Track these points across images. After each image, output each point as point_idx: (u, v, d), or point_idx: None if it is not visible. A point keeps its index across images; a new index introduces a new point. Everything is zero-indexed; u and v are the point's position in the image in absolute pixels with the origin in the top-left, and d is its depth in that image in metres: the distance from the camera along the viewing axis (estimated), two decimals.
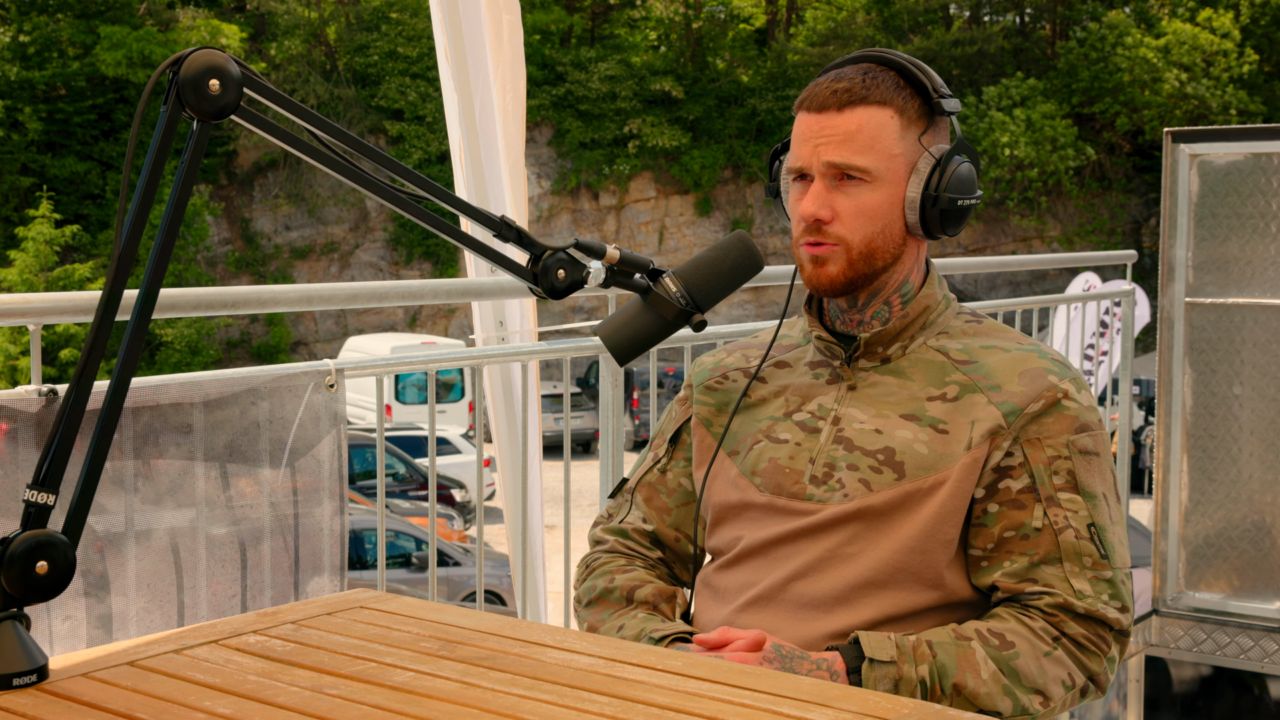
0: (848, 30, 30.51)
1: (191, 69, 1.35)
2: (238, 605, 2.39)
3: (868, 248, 1.68)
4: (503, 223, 1.57)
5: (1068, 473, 1.65)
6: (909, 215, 1.69)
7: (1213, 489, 3.79)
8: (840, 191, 1.67)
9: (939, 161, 1.68)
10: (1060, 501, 1.64)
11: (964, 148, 1.70)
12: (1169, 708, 3.96)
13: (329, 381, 2.48)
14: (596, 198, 28.87)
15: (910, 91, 1.69)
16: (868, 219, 1.67)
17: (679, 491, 1.85)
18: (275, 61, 27.75)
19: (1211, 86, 28.69)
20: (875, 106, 1.66)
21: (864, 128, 1.66)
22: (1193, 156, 3.76)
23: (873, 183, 1.67)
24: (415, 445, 16.53)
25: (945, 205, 1.67)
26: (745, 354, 1.87)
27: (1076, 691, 1.63)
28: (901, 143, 1.67)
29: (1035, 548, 1.64)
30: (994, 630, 1.61)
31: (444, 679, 1.33)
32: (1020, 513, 1.64)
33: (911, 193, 1.68)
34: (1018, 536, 1.64)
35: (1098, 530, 1.65)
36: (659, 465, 1.88)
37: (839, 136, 1.66)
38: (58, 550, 1.32)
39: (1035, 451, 1.65)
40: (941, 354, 1.73)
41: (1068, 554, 1.63)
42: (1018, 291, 26.26)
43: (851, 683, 1.56)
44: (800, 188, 1.71)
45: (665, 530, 1.85)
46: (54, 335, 19.71)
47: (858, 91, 1.66)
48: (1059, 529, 1.63)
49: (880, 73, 1.69)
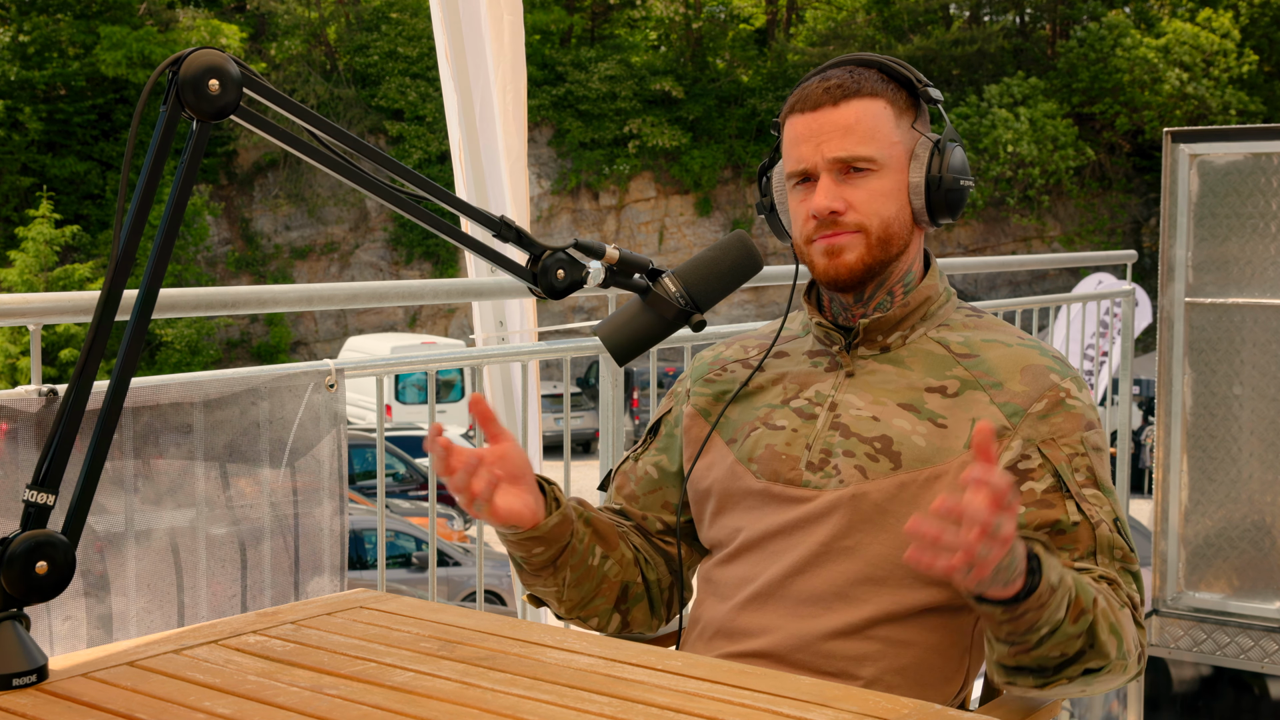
0: (848, 30, 30.51)
1: (191, 69, 1.35)
2: (238, 605, 2.39)
3: (886, 232, 1.69)
4: (502, 223, 1.58)
5: (1087, 469, 1.66)
6: (914, 201, 1.70)
7: (1213, 489, 3.79)
8: (849, 184, 1.68)
9: (936, 145, 1.70)
10: (1087, 498, 1.65)
11: (952, 133, 1.72)
12: (1169, 708, 3.96)
13: (329, 381, 2.48)
14: (596, 198, 28.87)
15: (895, 84, 1.71)
16: (882, 203, 1.69)
17: (645, 479, 1.86)
18: (275, 61, 27.75)
19: (1211, 86, 28.69)
20: (868, 98, 1.68)
21: (862, 118, 1.67)
22: (1193, 156, 3.76)
23: (879, 171, 1.68)
24: (415, 445, 16.52)
25: (950, 186, 1.69)
26: (744, 346, 1.87)
27: (1137, 656, 1.61)
28: (898, 130, 1.70)
29: (1074, 542, 1.63)
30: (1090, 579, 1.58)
31: (444, 679, 1.33)
32: (1050, 511, 1.64)
33: (915, 178, 1.70)
34: (1053, 533, 1.63)
35: (1121, 524, 1.66)
36: (634, 454, 1.89)
37: (839, 130, 1.67)
38: (58, 550, 1.32)
39: (1053, 451, 1.65)
40: (942, 346, 1.73)
41: (1102, 547, 1.64)
42: (1018, 291, 26.27)
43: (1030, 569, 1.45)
44: (805, 189, 1.71)
45: (633, 512, 1.86)
46: (54, 335, 19.71)
47: (849, 85, 1.68)
48: (1095, 523, 1.64)
49: (864, 70, 1.72)
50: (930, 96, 1.71)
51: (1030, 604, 1.46)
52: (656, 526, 1.85)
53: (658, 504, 1.85)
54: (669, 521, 1.84)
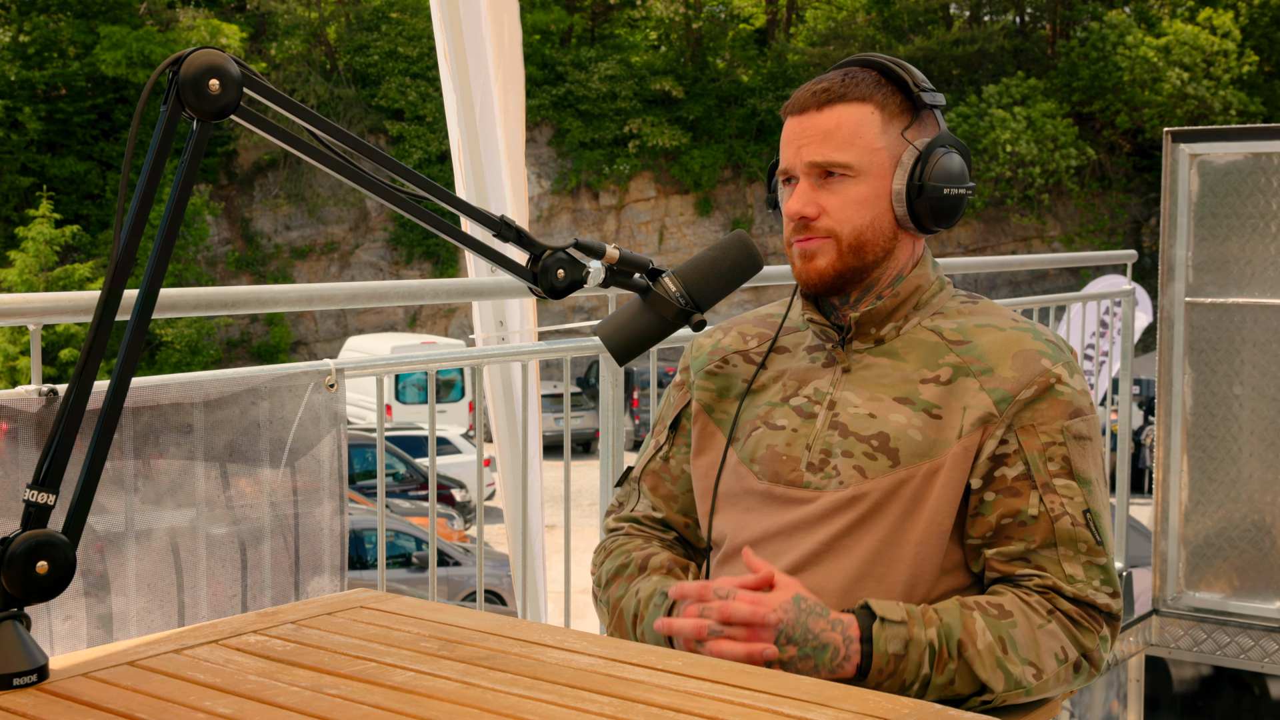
0: (848, 30, 30.51)
1: (191, 69, 1.35)
2: (238, 605, 2.39)
3: (857, 239, 1.70)
4: (502, 223, 1.57)
5: (1062, 459, 1.67)
6: (897, 208, 1.71)
7: (1213, 489, 3.79)
8: (825, 189, 1.70)
9: (922, 153, 1.70)
10: (1056, 488, 1.66)
11: (949, 139, 1.72)
12: (1169, 708, 3.96)
13: (329, 381, 2.48)
14: (596, 198, 28.87)
15: (891, 88, 1.72)
16: (855, 210, 1.70)
17: (683, 478, 1.86)
18: (275, 61, 27.75)
19: (1211, 86, 28.69)
20: (854, 103, 1.70)
21: (843, 124, 1.69)
22: (1193, 156, 3.76)
23: (856, 177, 1.69)
24: (415, 445, 16.53)
25: (932, 195, 1.69)
26: (742, 333, 1.87)
27: (1070, 666, 1.64)
28: (884, 137, 1.70)
29: (1032, 535, 1.65)
30: (992, 602, 1.63)
31: (444, 679, 1.33)
32: (1016, 500, 1.65)
33: (896, 185, 1.70)
34: (1015, 524, 1.66)
35: (1093, 516, 1.67)
36: (661, 453, 1.88)
37: (819, 135, 1.70)
38: (58, 550, 1.32)
39: (1029, 438, 1.66)
40: (936, 334, 1.74)
41: (1063, 540, 1.65)
42: (1018, 291, 26.27)
43: (863, 644, 1.57)
44: (788, 190, 1.74)
45: (675, 517, 1.86)
46: (54, 335, 19.71)
47: (835, 90, 1.70)
48: (1055, 516, 1.65)
49: (860, 73, 1.73)
50: (924, 102, 1.71)
51: (875, 678, 1.56)
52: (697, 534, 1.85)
53: (696, 504, 1.86)
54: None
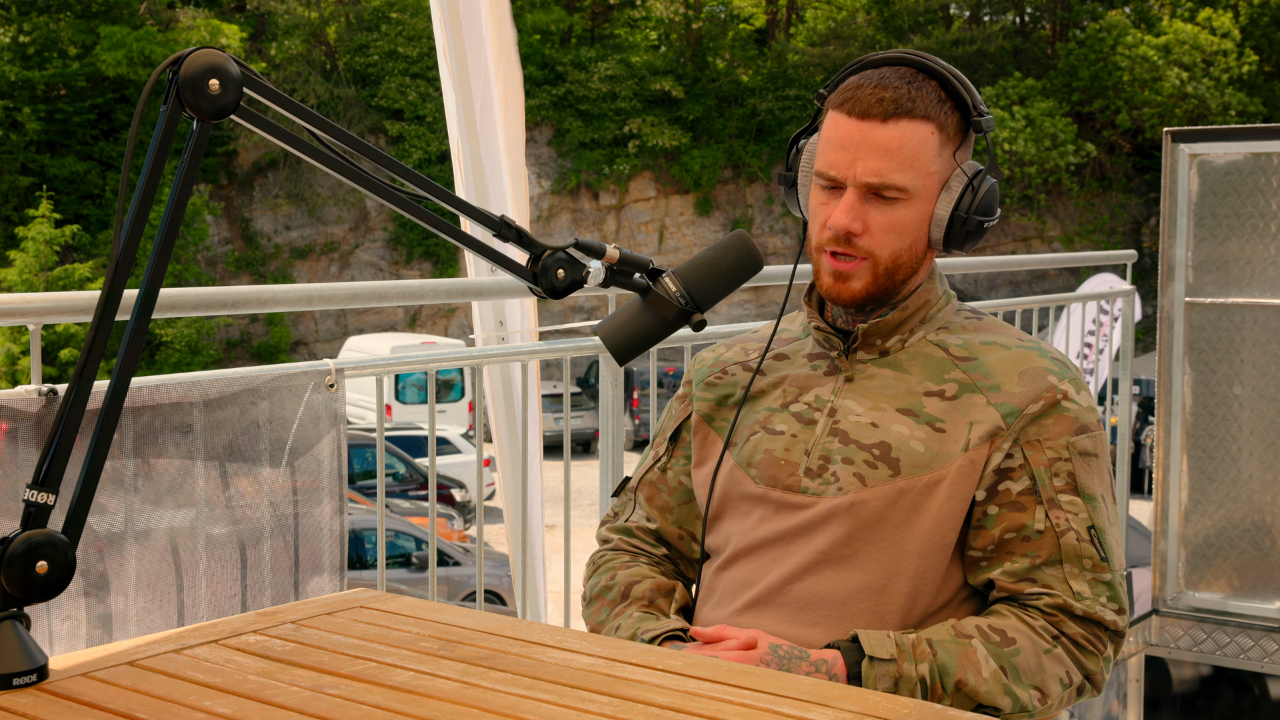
0: (848, 30, 30.49)
1: (191, 69, 1.35)
2: (238, 605, 2.39)
3: (894, 263, 1.67)
4: (502, 222, 1.57)
5: (1068, 474, 1.65)
6: (934, 232, 1.67)
7: (1213, 489, 3.79)
8: (873, 205, 1.65)
9: (970, 180, 1.66)
10: (1061, 504, 1.64)
11: (994, 168, 1.69)
12: (1169, 708, 3.96)
13: (329, 381, 2.48)
14: (596, 197, 28.86)
15: (951, 105, 1.65)
16: (897, 235, 1.66)
17: (680, 490, 1.85)
18: (275, 61, 27.74)
19: (1211, 86, 28.67)
20: (919, 121, 1.62)
21: (905, 143, 1.62)
22: (1192, 156, 3.75)
23: (907, 200, 1.64)
24: (415, 445, 16.53)
25: (972, 225, 1.66)
26: (744, 348, 1.86)
27: (1073, 690, 1.64)
28: (938, 160, 1.65)
29: (1037, 550, 1.63)
30: (995, 627, 1.60)
31: (444, 679, 1.33)
32: (1021, 515, 1.64)
33: (941, 210, 1.66)
34: (1019, 538, 1.64)
35: (1098, 533, 1.65)
36: (659, 464, 1.87)
37: (879, 150, 1.62)
38: (58, 550, 1.32)
39: (1035, 453, 1.65)
40: (941, 349, 1.72)
41: (1068, 556, 1.63)
42: (1018, 291, 26.26)
43: (851, 682, 1.55)
44: (830, 195, 1.67)
45: (669, 529, 1.85)
46: (54, 335, 19.71)
47: (904, 104, 1.62)
48: (1060, 531, 1.63)
49: (924, 83, 1.65)
50: (982, 127, 1.66)
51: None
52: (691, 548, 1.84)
53: (692, 516, 1.85)
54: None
